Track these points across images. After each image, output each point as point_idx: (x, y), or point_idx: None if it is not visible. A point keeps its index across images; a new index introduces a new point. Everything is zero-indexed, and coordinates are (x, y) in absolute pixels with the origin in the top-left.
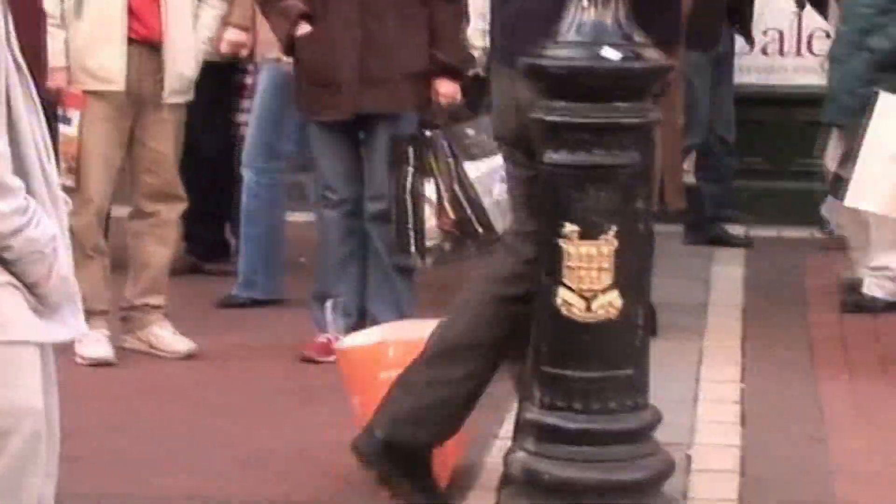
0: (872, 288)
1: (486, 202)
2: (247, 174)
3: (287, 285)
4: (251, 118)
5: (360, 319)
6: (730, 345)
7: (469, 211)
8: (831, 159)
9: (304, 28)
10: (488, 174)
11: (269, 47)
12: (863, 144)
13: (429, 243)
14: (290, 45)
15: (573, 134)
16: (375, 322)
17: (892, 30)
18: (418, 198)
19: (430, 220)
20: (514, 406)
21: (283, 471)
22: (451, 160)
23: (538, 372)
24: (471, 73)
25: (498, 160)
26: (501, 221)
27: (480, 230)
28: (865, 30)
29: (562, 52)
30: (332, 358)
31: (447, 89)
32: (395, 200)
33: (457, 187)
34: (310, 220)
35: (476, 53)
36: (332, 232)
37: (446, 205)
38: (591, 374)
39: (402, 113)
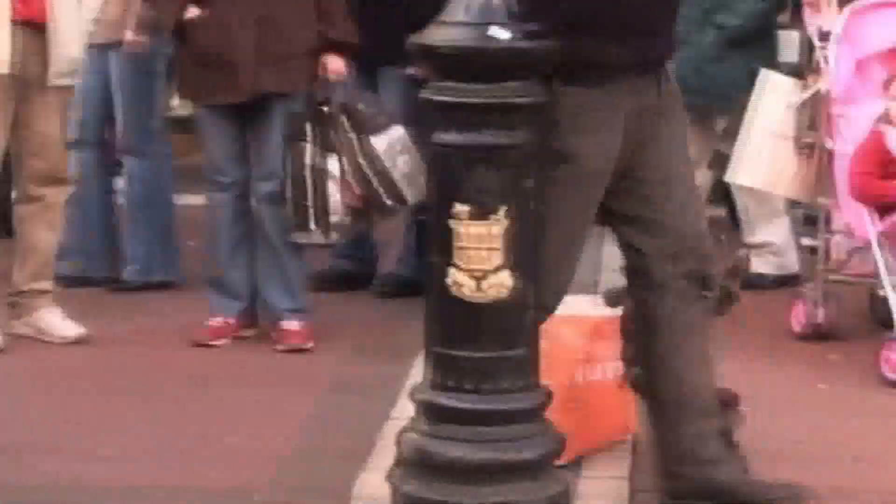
0: (758, 265)
1: (395, 174)
2: (128, 161)
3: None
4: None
5: (252, 303)
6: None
7: (377, 184)
8: None
9: (194, 11)
10: (392, 147)
11: (116, 30)
12: (744, 121)
13: (333, 219)
14: (177, 30)
15: (463, 114)
16: (268, 305)
17: (741, 6)
18: (320, 174)
19: (335, 195)
20: (407, 387)
21: (179, 456)
22: (352, 135)
23: (430, 353)
24: None
25: (397, 133)
26: (410, 192)
27: (390, 202)
28: (710, 8)
29: (451, 32)
30: (225, 341)
31: (336, 65)
32: (294, 178)
33: (363, 161)
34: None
35: None
36: (224, 215)
37: (351, 179)
38: (483, 355)
39: (296, 92)
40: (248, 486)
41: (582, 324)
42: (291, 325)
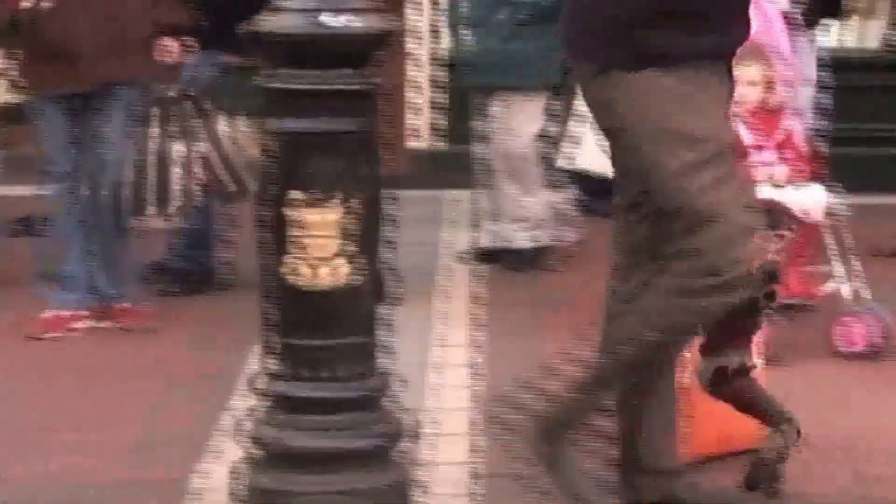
0: (524, 241)
1: (239, 161)
2: None
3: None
4: None
5: (88, 294)
6: (458, 309)
7: (222, 170)
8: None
9: (31, 2)
10: (242, 133)
11: None
12: (576, 107)
13: (173, 204)
14: (14, 22)
15: (297, 101)
16: (103, 294)
17: None
18: (164, 159)
19: (178, 181)
20: (243, 378)
21: (14, 449)
22: (199, 121)
23: (267, 342)
24: None
25: (241, 119)
26: (252, 179)
27: (234, 188)
28: None
29: (282, 18)
30: (60, 334)
31: (171, 49)
32: (137, 163)
33: (209, 147)
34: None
35: None
36: (60, 206)
37: (195, 165)
38: (321, 342)
39: (137, 79)
40: (86, 479)
41: None
42: (128, 307)
